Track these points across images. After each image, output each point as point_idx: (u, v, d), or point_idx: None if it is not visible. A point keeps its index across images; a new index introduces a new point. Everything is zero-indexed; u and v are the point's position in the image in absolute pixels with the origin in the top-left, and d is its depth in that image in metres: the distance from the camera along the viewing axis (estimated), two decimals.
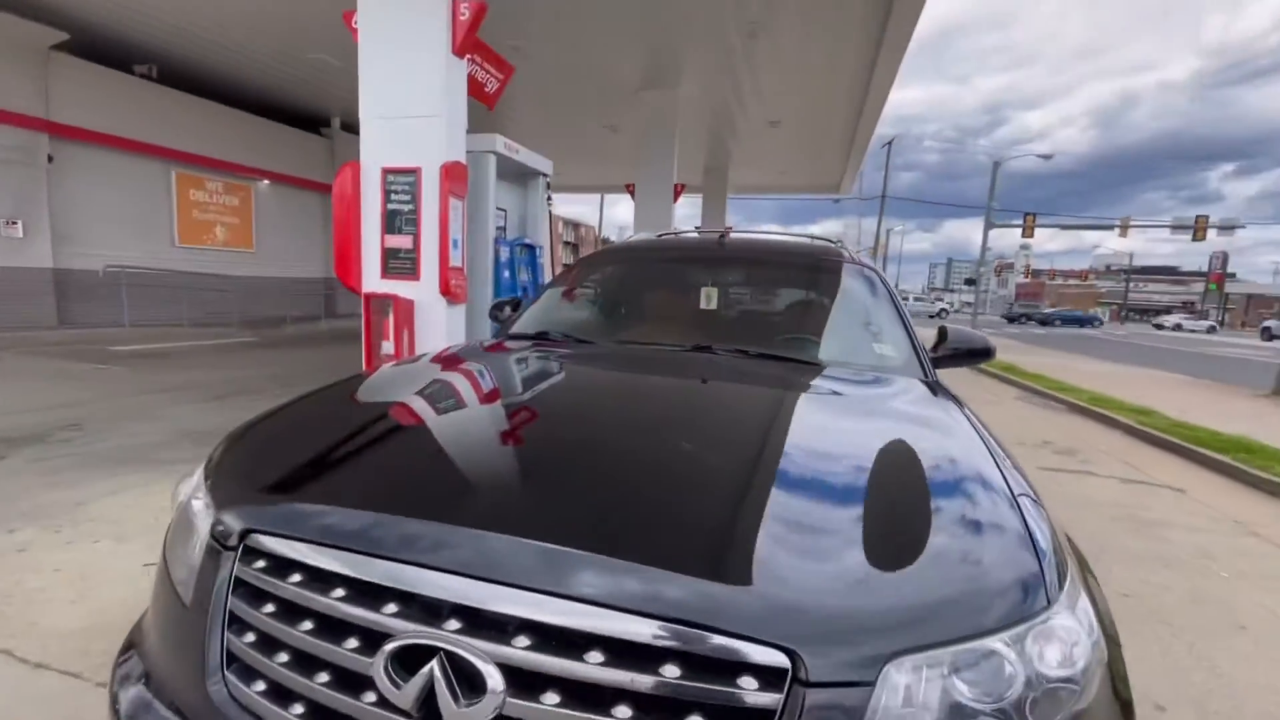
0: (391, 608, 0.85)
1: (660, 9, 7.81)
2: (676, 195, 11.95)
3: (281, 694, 0.89)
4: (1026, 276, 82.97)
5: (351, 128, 15.00)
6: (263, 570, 0.95)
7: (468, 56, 4.69)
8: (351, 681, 0.84)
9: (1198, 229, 26.87)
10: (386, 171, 4.58)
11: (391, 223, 4.63)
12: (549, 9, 7.57)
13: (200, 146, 12.22)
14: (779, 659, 0.75)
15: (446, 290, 4.56)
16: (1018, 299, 64.37)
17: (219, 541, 1.02)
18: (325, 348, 10.39)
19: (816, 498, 1.05)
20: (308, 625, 0.89)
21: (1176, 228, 29.16)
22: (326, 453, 1.26)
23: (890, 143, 29.65)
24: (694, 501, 1.03)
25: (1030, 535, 0.99)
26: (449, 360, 1.98)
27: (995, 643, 0.80)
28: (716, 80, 10.63)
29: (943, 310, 52.96)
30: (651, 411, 1.53)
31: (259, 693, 0.90)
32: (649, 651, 0.77)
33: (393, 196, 4.61)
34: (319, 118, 14.29)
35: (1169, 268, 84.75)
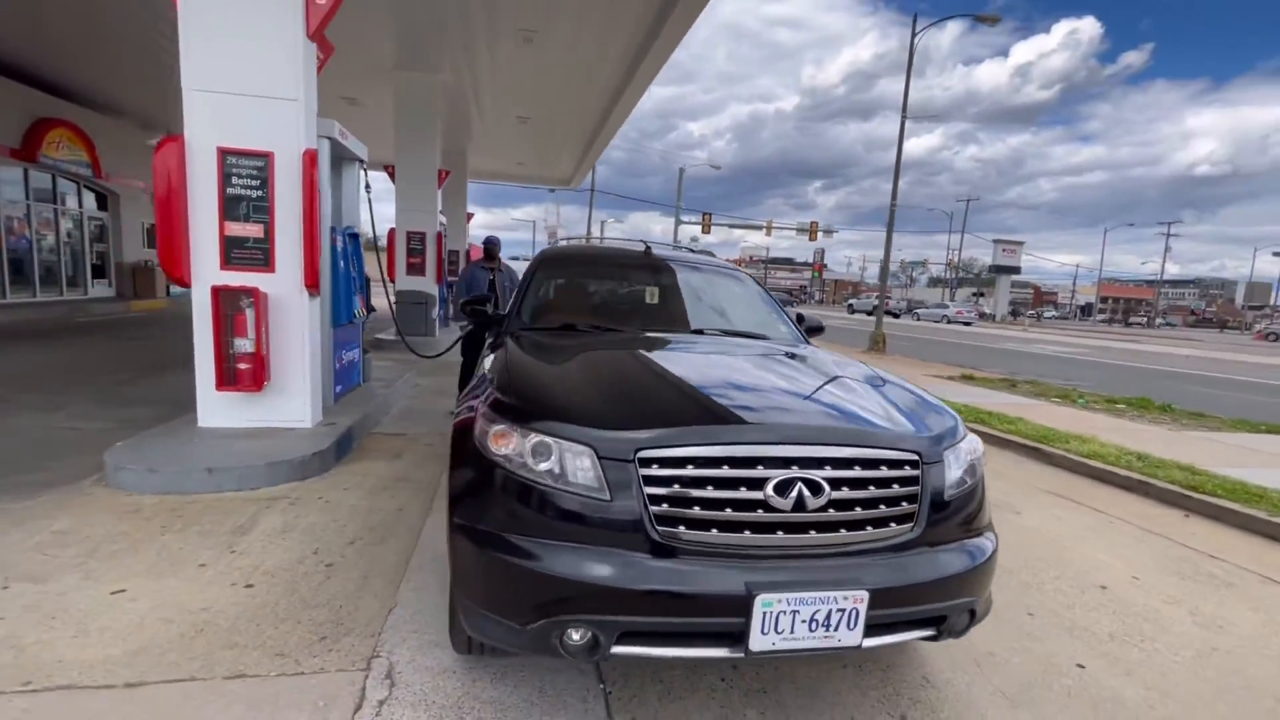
0: (760, 467, 1.67)
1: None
2: (441, 181, 11.86)
3: (696, 525, 1.64)
4: None
5: None
6: (660, 466, 1.65)
7: None
8: (743, 507, 1.65)
9: (811, 232, 36.35)
10: (225, 152, 4.19)
11: (233, 209, 4.26)
12: None
13: None
14: (915, 457, 1.83)
15: (314, 283, 4.40)
16: None
17: (617, 461, 1.65)
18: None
19: (871, 396, 2.15)
20: (710, 487, 1.65)
21: (799, 230, 38.87)
22: (629, 396, 1.99)
23: None
24: (845, 399, 2.07)
25: (939, 402, 2.26)
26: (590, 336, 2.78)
27: (962, 443, 2.01)
28: (478, 73, 10.88)
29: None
30: (733, 365, 2.44)
31: (683, 530, 1.63)
32: (875, 462, 1.77)
33: (234, 180, 4.24)
34: None
35: (788, 259, 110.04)
